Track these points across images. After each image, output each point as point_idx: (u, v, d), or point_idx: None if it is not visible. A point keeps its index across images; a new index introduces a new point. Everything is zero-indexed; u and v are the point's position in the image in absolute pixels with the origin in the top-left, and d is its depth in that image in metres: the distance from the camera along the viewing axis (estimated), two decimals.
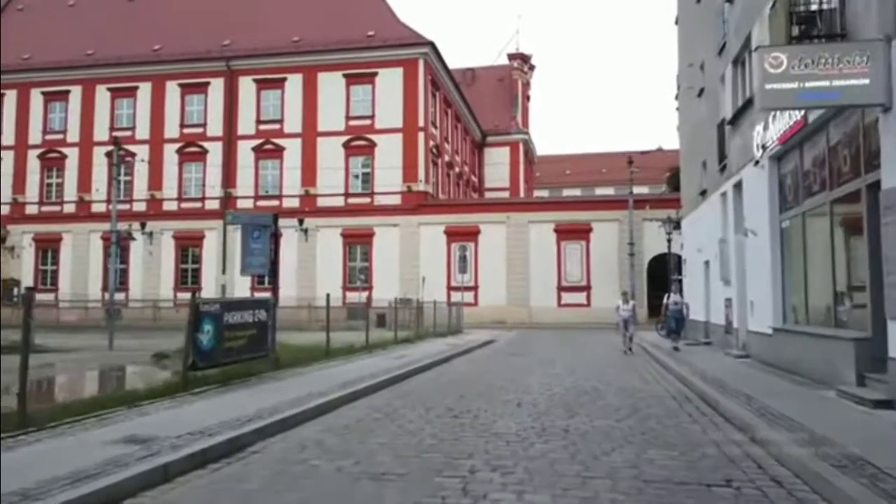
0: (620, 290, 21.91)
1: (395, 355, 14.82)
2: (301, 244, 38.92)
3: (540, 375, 11.99)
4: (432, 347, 17.61)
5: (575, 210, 37.77)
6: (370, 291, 36.70)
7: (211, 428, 6.38)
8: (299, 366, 11.97)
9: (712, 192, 17.99)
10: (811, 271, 11.06)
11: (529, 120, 63.76)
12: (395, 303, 30.88)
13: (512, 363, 14.55)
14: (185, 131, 41.52)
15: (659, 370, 13.04)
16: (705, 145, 19.01)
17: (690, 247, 21.98)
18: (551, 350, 18.62)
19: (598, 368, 13.33)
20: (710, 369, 11.89)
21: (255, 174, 40.51)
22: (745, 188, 14.43)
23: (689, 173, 22.61)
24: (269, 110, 40.74)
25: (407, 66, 39.35)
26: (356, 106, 39.62)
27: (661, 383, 11.17)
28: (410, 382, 11.07)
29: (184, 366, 8.79)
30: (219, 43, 41.70)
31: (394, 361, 13.32)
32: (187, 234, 40.49)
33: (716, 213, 17.38)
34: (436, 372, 12.64)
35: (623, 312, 17.26)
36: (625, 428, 7.14)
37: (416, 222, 38.29)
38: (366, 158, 39.46)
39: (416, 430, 6.98)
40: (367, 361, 13.25)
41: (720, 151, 16.81)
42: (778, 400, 8.24)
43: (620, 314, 17.31)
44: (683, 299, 18.40)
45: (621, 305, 17.58)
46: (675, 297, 18.25)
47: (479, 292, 37.46)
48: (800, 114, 10.25)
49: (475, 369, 13.24)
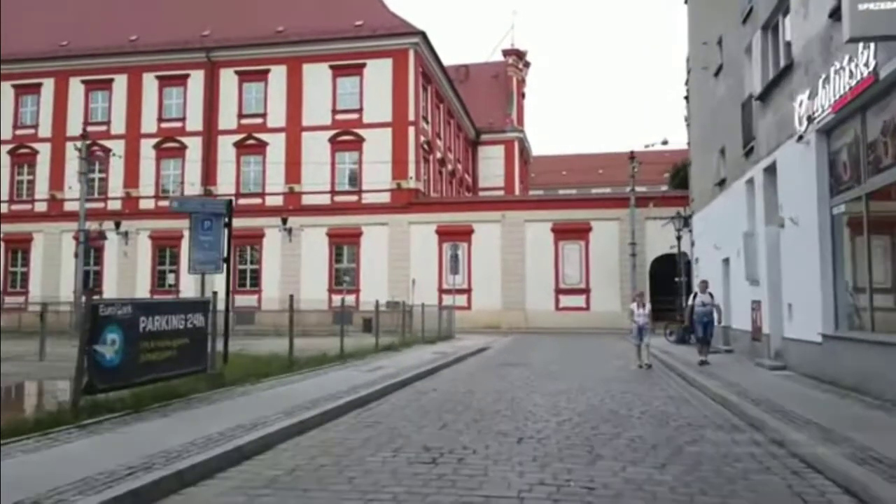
0: (635, 291, 17.53)
1: (371, 367, 12.66)
2: (285, 244, 36.91)
3: (543, 394, 9.86)
4: (417, 356, 15.45)
5: (573, 208, 35.70)
6: (358, 294, 34.72)
7: (60, 489, 4.26)
8: (250, 382, 9.81)
9: (734, 180, 15.90)
10: (877, 265, 8.99)
11: (525, 118, 61.90)
12: (378, 306, 29.02)
13: (508, 376, 12.39)
14: (163, 126, 39.39)
15: (683, 385, 10.90)
16: (724, 130, 16.97)
17: (704, 244, 19.93)
18: (552, 359, 16.49)
19: (611, 383, 11.20)
20: (748, 386, 9.77)
21: (236, 171, 38.40)
22: (781, 171, 12.34)
23: (702, 164, 20.56)
24: (252, 104, 38.65)
25: (396, 58, 37.32)
26: (343, 99, 37.58)
27: (693, 405, 9.02)
28: (382, 405, 8.89)
29: (73, 389, 6.63)
30: (199, 33, 39.61)
31: (367, 375, 11.16)
32: (165, 233, 38.22)
33: (739, 204, 15.29)
34: (416, 389, 10.49)
35: (638, 318, 14.01)
36: (673, 482, 5.01)
37: (406, 221, 36.24)
38: (353, 154, 37.37)
39: (373, 489, 4.85)
40: (336, 375, 11.07)
41: (745, 133, 14.72)
42: (867, 434, 6.13)
43: (635, 320, 14.11)
44: (714, 300, 14.24)
45: (636, 310, 14.24)
46: (704, 297, 14.13)
47: (472, 295, 35.40)
48: (868, 69, 8.19)
49: (464, 384, 11.08)
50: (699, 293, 14.33)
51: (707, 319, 13.92)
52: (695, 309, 14.23)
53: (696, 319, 14.14)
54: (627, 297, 34.23)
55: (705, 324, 13.93)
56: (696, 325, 14.19)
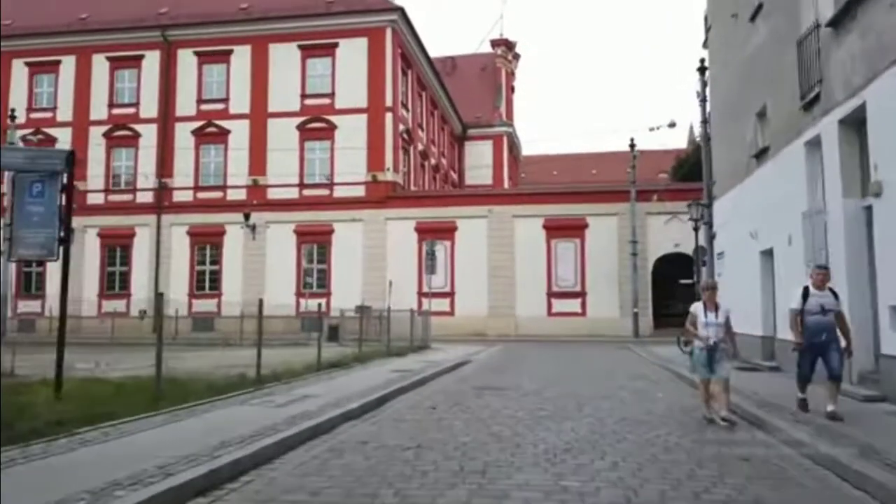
0: (701, 283, 10.82)
1: (293, 396, 8.84)
2: (248, 243, 33.26)
3: (535, 455, 6.06)
4: (369, 377, 11.67)
5: (567, 203, 32.08)
6: (329, 298, 31.07)
7: None
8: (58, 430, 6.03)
9: (784, 145, 12.24)
10: None
11: (514, 113, 58.51)
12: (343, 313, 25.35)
13: (483, 412, 8.51)
14: (115, 112, 35.73)
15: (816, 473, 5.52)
16: (764, 84, 13.41)
17: (731, 235, 16.34)
18: (546, 378, 12.79)
19: (642, 430, 7.24)
20: None
21: (195, 161, 34.73)
22: (875, 116, 8.70)
23: (727, 137, 16.97)
24: (213, 87, 35.07)
25: (372, 36, 33.80)
26: (313, 82, 34.06)
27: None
28: (261, 479, 5.17)
29: None
30: (154, 10, 36.07)
31: (272, 414, 7.29)
32: (115, 231, 34.56)
33: (793, 175, 11.65)
34: (332, 444, 6.54)
35: (708, 328, 7.78)
36: None
37: (383, 217, 32.65)
38: (324, 143, 33.73)
39: None
40: (218, 416, 7.12)
41: (805, 78, 11.05)
42: None
43: (701, 334, 7.82)
44: (838, 301, 7.98)
45: (702, 316, 7.89)
46: (823, 297, 7.80)
47: (455, 299, 31.80)
48: None
49: (413, 431, 7.28)
50: (813, 289, 7.82)
51: (828, 337, 7.66)
52: (806, 318, 7.76)
53: (808, 336, 7.77)
54: (627, 300, 30.75)
55: (824, 345, 7.65)
56: (808, 348, 7.82)
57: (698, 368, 7.92)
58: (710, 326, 7.75)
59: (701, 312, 7.90)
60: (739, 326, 12.97)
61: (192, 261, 33.95)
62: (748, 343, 14.21)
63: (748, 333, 13.97)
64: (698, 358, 7.87)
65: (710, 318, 7.79)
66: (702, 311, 7.90)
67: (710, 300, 7.96)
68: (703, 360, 7.76)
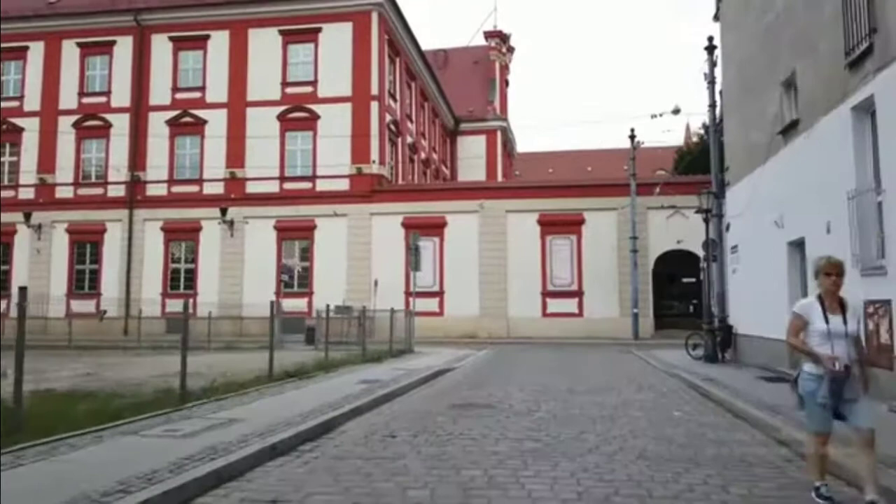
0: (816, 262, 4.87)
1: (210, 421, 6.84)
2: (225, 240, 31.41)
3: None
4: (328, 391, 9.71)
5: (563, 197, 30.21)
6: (311, 298, 29.31)
7: None
8: None
9: (822, 114, 10.33)
10: None
11: (508, 109, 56.65)
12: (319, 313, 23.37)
13: (463, 444, 6.51)
14: (85, 101, 33.79)
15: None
16: (794, 48, 11.57)
17: (749, 226, 14.47)
18: (542, 389, 10.90)
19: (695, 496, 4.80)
20: None
21: (169, 153, 32.82)
22: None
23: (742, 117, 15.11)
24: (189, 75, 33.16)
25: (357, 21, 31.93)
26: (295, 69, 32.20)
27: None
28: None
29: None
30: None
31: (165, 451, 5.22)
32: (85, 226, 32.65)
33: (833, 150, 9.74)
34: (234, 497, 4.65)
35: (835, 341, 4.54)
36: None
37: (368, 212, 30.79)
38: (306, 134, 31.86)
39: None
40: (89, 455, 4.90)
41: (853, 31, 9.14)
42: None
43: (827, 346, 4.56)
44: None
45: (824, 319, 4.62)
46: None
47: (445, 299, 29.95)
48: None
49: (359, 473, 5.30)
50: None
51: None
52: None
53: None
54: (626, 300, 28.88)
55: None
56: None
57: (814, 414, 4.63)
58: (837, 339, 4.55)
59: (817, 315, 4.65)
60: (761, 329, 11.08)
61: (167, 258, 32.04)
62: (769, 348, 12.38)
63: (769, 337, 12.11)
64: (815, 395, 4.56)
65: (836, 323, 4.59)
66: (818, 313, 4.65)
67: (832, 294, 4.68)
68: (825, 400, 4.50)
